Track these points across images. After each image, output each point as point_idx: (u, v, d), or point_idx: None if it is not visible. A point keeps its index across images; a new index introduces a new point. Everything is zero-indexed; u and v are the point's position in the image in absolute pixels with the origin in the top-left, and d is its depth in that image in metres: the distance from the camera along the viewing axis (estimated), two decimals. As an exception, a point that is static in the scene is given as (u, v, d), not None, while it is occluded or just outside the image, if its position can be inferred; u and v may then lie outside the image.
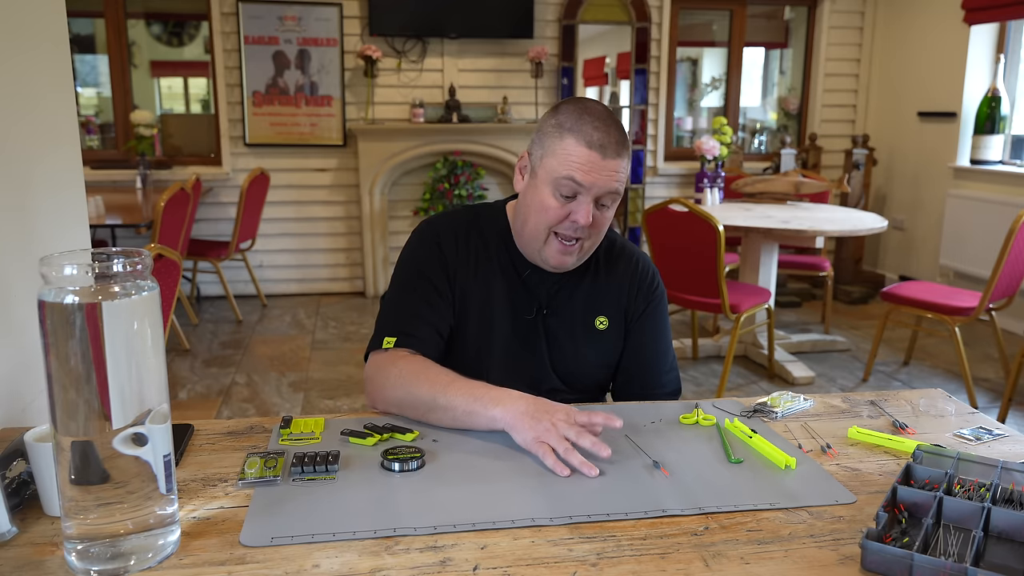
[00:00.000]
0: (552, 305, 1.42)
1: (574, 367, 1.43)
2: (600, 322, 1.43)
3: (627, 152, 1.30)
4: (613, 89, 6.03)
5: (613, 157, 1.27)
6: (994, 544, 0.91)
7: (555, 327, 1.42)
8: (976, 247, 4.80)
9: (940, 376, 3.94)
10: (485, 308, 1.40)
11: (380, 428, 1.19)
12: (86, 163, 4.80)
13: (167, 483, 0.87)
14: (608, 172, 1.27)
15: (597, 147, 1.26)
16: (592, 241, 1.34)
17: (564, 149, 1.27)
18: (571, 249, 1.32)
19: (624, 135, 1.30)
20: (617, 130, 1.29)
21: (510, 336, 1.40)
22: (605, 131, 1.27)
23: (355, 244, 5.44)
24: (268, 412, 3.38)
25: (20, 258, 1.31)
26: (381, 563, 0.86)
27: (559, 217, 1.29)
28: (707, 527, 0.94)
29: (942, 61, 5.17)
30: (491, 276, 1.41)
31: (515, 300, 1.40)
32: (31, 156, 1.39)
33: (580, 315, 1.43)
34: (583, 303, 1.43)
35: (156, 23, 5.35)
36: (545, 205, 1.30)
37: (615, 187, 1.28)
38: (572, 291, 1.43)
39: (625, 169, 1.30)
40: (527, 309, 1.41)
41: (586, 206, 1.27)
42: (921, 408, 1.35)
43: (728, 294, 3.44)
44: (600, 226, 1.32)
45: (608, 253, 1.47)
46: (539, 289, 1.41)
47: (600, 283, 1.44)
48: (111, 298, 0.81)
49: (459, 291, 1.39)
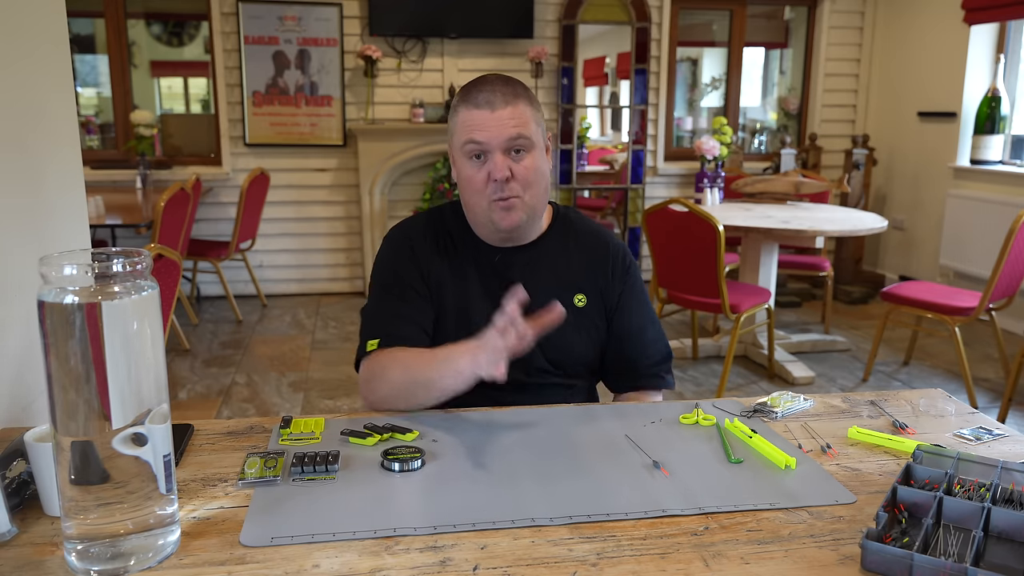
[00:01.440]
0: (528, 286, 1.42)
1: (559, 346, 1.43)
2: (579, 299, 1.45)
3: (521, 100, 1.34)
4: (613, 89, 6.03)
5: (503, 107, 1.32)
6: (994, 544, 0.91)
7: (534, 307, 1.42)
8: (976, 247, 4.80)
9: (940, 376, 3.94)
10: (463, 300, 1.43)
11: (380, 428, 1.19)
12: (86, 163, 4.79)
13: (167, 483, 0.87)
14: (501, 122, 1.31)
15: (484, 104, 1.32)
16: (530, 193, 1.36)
17: (459, 121, 1.35)
18: (510, 204, 1.35)
19: (515, 87, 1.35)
20: (504, 84, 1.34)
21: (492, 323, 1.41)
22: (490, 90, 1.33)
23: (355, 244, 5.44)
24: (268, 412, 3.38)
25: (20, 258, 1.31)
26: (381, 563, 0.86)
27: (482, 180, 1.34)
28: (707, 527, 0.94)
29: (942, 61, 5.17)
30: (464, 268, 1.44)
31: (491, 287, 1.42)
32: (31, 156, 1.39)
33: (558, 293, 1.43)
34: (557, 280, 1.45)
35: (156, 23, 5.35)
36: (467, 176, 1.35)
37: (513, 132, 1.32)
38: (546, 268, 1.45)
39: (522, 115, 1.33)
40: (504, 294, 1.42)
41: (497, 159, 1.32)
42: (921, 408, 1.35)
43: (728, 294, 3.45)
44: (525, 175, 1.34)
45: (577, 231, 1.50)
46: (511, 272, 1.43)
47: (573, 260, 1.47)
48: (111, 298, 0.81)
49: (435, 286, 1.43)
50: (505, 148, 1.32)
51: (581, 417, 1.28)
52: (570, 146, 5.52)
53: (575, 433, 1.21)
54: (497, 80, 1.35)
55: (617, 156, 5.95)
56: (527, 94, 1.36)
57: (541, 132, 1.38)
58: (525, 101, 1.35)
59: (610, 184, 5.99)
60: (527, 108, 1.34)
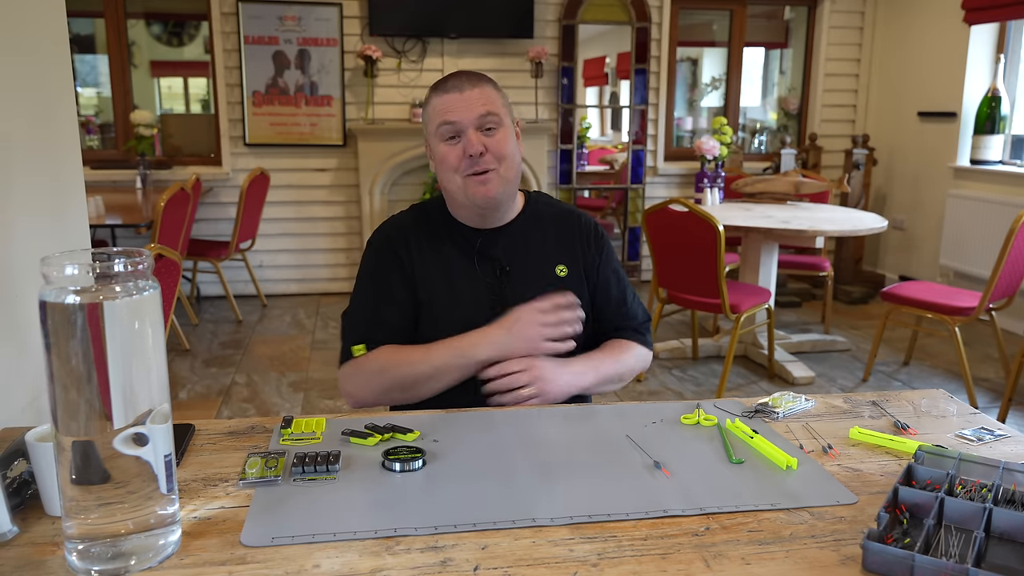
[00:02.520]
0: (512, 262, 1.50)
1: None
2: (560, 270, 1.52)
3: (487, 84, 1.44)
4: (613, 89, 6.03)
5: (470, 89, 1.41)
6: (996, 545, 0.91)
7: (520, 283, 1.49)
8: (976, 247, 4.80)
9: (940, 376, 3.94)
10: (451, 284, 1.48)
11: (381, 428, 1.19)
12: (86, 163, 4.80)
13: (168, 483, 0.87)
14: (470, 102, 1.40)
15: (453, 89, 1.41)
16: (505, 166, 1.43)
17: (431, 108, 1.44)
18: (486, 178, 1.42)
19: (480, 75, 1.45)
20: (470, 73, 1.45)
21: (482, 304, 1.47)
22: (457, 77, 1.43)
23: (355, 244, 5.44)
24: (268, 412, 3.38)
25: (21, 258, 1.31)
26: (382, 563, 0.86)
27: (457, 157, 1.41)
28: (708, 527, 0.94)
29: (942, 61, 5.17)
30: (447, 254, 1.49)
31: (477, 269, 1.49)
32: (31, 156, 1.39)
33: (539, 265, 1.51)
34: (539, 255, 1.52)
35: (156, 23, 5.35)
36: (441, 156, 1.42)
37: (483, 110, 1.40)
38: (526, 245, 1.52)
39: (490, 96, 1.42)
40: (490, 273, 1.49)
41: (470, 136, 1.40)
42: (923, 408, 1.34)
43: (728, 294, 3.44)
44: (499, 149, 1.42)
45: (551, 210, 1.58)
46: (494, 251, 1.49)
47: (549, 236, 1.54)
48: (112, 298, 0.81)
49: (420, 277, 1.48)
50: (477, 125, 1.40)
51: (582, 417, 1.28)
52: (570, 146, 5.52)
53: (576, 433, 1.21)
54: (466, 72, 1.45)
55: (617, 156, 5.95)
56: (492, 82, 1.46)
57: (510, 115, 1.46)
58: (491, 86, 1.44)
59: (610, 184, 5.99)
60: (493, 91, 1.44)
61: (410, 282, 1.48)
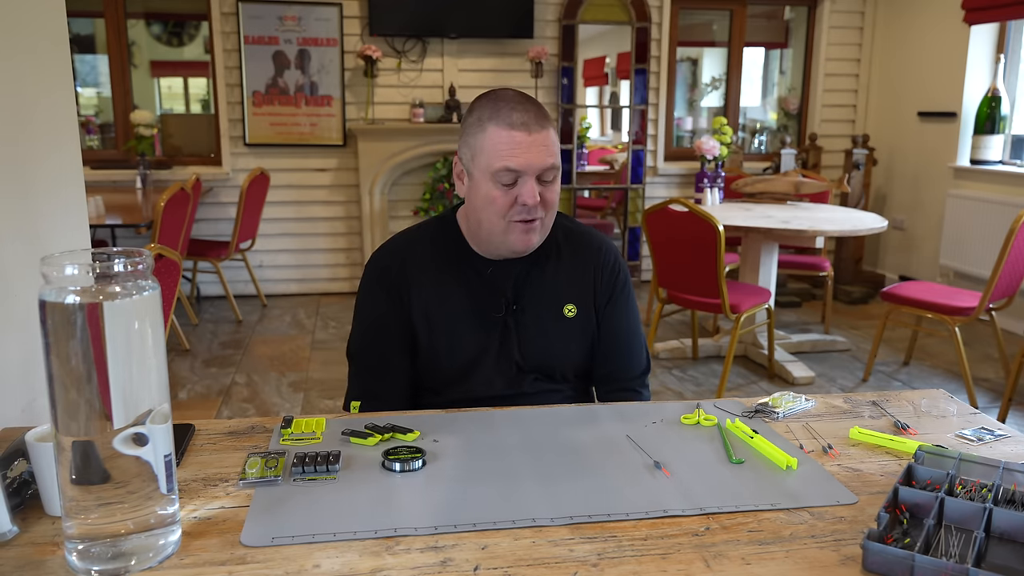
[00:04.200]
0: (520, 300, 1.43)
1: (550, 357, 1.45)
2: (568, 310, 1.45)
3: (550, 124, 1.33)
4: (613, 89, 6.03)
5: (538, 131, 1.29)
6: (996, 545, 0.91)
7: (527, 321, 1.43)
8: (976, 247, 4.80)
9: (940, 376, 3.94)
10: (453, 315, 1.42)
11: (381, 428, 1.19)
12: (86, 163, 4.80)
13: (168, 483, 0.87)
14: (539, 148, 1.29)
15: (520, 126, 1.28)
16: (548, 216, 1.36)
17: (490, 140, 1.30)
18: (531, 227, 1.34)
19: (542, 108, 1.33)
20: (534, 105, 1.32)
21: (484, 337, 1.41)
22: (523, 109, 1.29)
23: (355, 244, 5.44)
24: (268, 412, 3.37)
25: (21, 258, 1.31)
26: (382, 563, 0.86)
27: (508, 204, 1.31)
28: (708, 527, 0.94)
29: (942, 61, 5.17)
30: (453, 283, 1.42)
31: (483, 301, 1.42)
32: (31, 156, 1.39)
33: (548, 304, 1.44)
34: (550, 292, 1.44)
35: (156, 23, 5.35)
36: (491, 198, 1.32)
37: (550, 162, 1.31)
38: (537, 281, 1.44)
39: (555, 142, 1.33)
40: (496, 307, 1.42)
41: (529, 186, 1.30)
42: (923, 408, 1.34)
43: (728, 294, 3.44)
44: (550, 201, 1.34)
45: (568, 238, 1.49)
46: (504, 284, 1.42)
47: (564, 269, 1.46)
48: (112, 298, 0.81)
49: (419, 308, 1.42)
50: (539, 175, 1.31)
51: (582, 417, 1.28)
52: (570, 146, 5.52)
53: (576, 433, 1.21)
54: (525, 98, 1.32)
55: (617, 156, 5.95)
56: (549, 116, 1.35)
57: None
58: (551, 124, 1.33)
59: (610, 184, 5.99)
60: (555, 134, 1.34)
61: (406, 317, 1.42)
